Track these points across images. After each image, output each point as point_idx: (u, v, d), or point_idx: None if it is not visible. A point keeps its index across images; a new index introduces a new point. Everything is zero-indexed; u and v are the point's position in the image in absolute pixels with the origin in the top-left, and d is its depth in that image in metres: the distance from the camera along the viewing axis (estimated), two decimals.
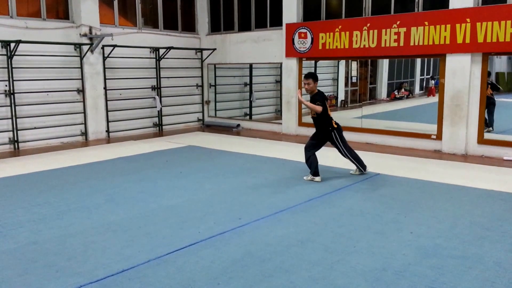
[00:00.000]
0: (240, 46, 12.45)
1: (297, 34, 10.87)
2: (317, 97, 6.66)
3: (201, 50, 13.08)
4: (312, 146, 6.81)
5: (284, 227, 4.81)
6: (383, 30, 9.45)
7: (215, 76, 13.39)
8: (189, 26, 13.28)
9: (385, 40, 9.44)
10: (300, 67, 11.14)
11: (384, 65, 14.16)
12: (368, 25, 9.67)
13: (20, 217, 5.18)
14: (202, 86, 13.44)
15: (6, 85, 9.42)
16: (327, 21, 10.51)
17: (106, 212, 5.36)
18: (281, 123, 11.77)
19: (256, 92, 13.35)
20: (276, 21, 11.59)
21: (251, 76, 13.25)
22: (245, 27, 12.49)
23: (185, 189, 6.35)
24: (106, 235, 4.62)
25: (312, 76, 6.75)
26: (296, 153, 8.46)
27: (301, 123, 11.26)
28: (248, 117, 13.33)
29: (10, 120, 9.52)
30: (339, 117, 9.11)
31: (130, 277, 3.68)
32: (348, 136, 10.27)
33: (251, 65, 12.97)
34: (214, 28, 13.22)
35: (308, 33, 10.67)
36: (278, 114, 12.88)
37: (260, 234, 4.63)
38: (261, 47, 11.97)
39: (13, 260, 4.03)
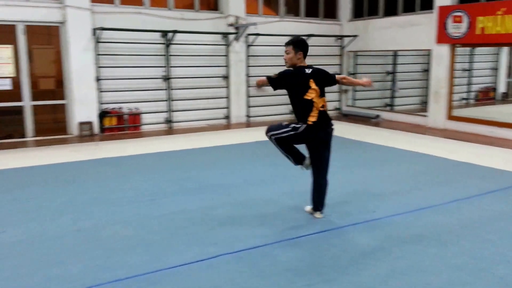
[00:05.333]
0: (384, 32, 11.82)
1: (451, 17, 9.86)
2: (284, 71, 4.57)
3: (341, 37, 12.82)
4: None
5: (422, 226, 4.47)
6: None
7: (355, 64, 13.01)
8: (331, 13, 13.08)
9: None
10: (452, 55, 10.12)
11: None
12: None
13: (170, 188, 5.80)
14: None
15: (164, 71, 10.58)
16: (487, 3, 9.29)
17: (243, 191, 5.66)
18: (426, 116, 10.90)
19: (400, 81, 12.58)
20: (427, 4, 10.68)
21: (394, 64, 12.53)
22: (390, 11, 11.79)
23: None
24: (242, 212, 4.88)
25: (294, 43, 4.43)
26: (442, 149, 7.87)
27: (451, 117, 10.24)
28: (389, 107, 12.68)
29: (166, 102, 10.70)
30: (497, 111, 8.03)
31: (263, 254, 3.84)
32: (509, 134, 9.01)
33: (395, 52, 12.25)
34: (357, 13, 12.78)
35: (464, 16, 9.60)
36: (423, 106, 11.95)
37: (394, 230, 4.37)
38: (408, 32, 11.18)
39: (162, 225, 4.54)
